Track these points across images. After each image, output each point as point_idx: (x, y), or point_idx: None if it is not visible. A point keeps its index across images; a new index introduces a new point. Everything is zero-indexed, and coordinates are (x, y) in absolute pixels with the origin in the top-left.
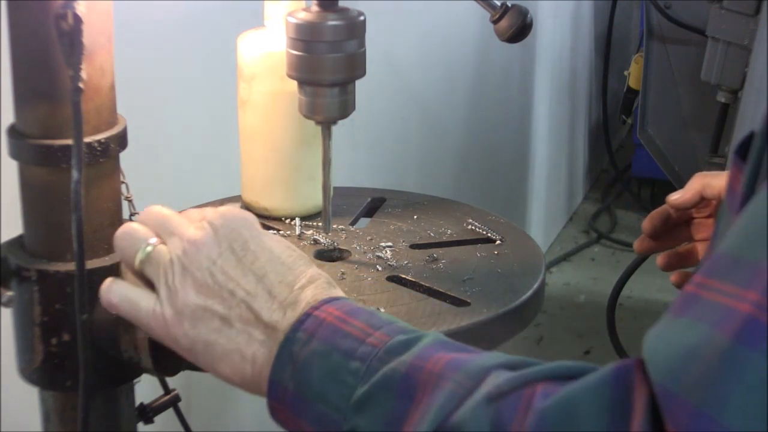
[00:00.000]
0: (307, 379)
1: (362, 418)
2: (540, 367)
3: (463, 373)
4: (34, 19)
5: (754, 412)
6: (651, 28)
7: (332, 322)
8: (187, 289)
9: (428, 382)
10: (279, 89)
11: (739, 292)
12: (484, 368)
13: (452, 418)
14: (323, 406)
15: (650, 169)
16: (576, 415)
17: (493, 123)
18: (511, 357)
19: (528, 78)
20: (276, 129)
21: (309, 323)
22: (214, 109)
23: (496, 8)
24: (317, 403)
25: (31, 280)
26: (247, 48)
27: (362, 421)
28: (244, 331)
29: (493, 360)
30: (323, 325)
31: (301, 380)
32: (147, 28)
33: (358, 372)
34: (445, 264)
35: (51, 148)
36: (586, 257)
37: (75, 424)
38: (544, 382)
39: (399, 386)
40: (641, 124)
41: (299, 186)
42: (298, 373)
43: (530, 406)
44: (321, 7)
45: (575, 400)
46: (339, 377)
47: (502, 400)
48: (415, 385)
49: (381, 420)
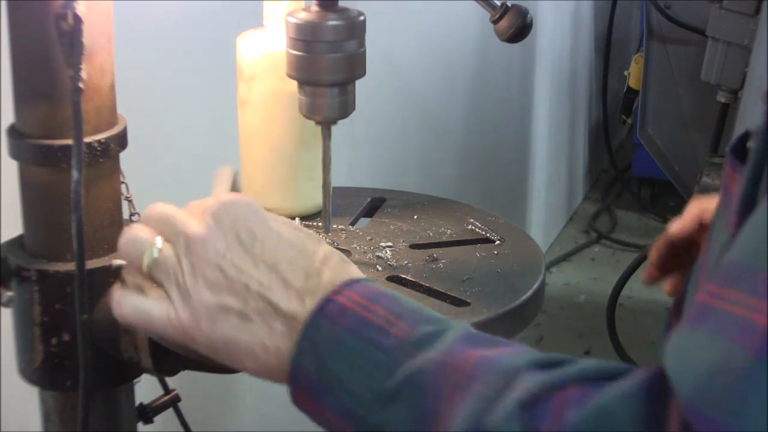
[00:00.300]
0: (332, 369)
1: (390, 414)
2: (571, 369)
3: (494, 374)
4: (34, 19)
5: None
6: (651, 28)
7: (354, 309)
8: (199, 289)
9: (458, 383)
10: (279, 89)
11: (754, 303)
12: (515, 368)
13: (484, 422)
14: (348, 397)
15: (650, 169)
16: (611, 426)
17: (493, 123)
18: (540, 354)
19: (528, 78)
20: (276, 129)
21: (330, 309)
22: (214, 109)
23: (496, 8)
24: (342, 394)
25: (31, 280)
26: (246, 48)
27: (390, 418)
28: (264, 324)
29: (524, 357)
30: (345, 313)
31: (325, 369)
32: (147, 28)
33: (386, 365)
34: (445, 264)
35: (51, 148)
36: (586, 257)
37: (75, 424)
38: (576, 384)
39: (428, 385)
40: (641, 124)
41: (299, 186)
42: (322, 361)
43: (563, 415)
44: (321, 7)
45: (610, 411)
46: (365, 370)
47: (533, 408)
48: (444, 384)
49: (409, 418)
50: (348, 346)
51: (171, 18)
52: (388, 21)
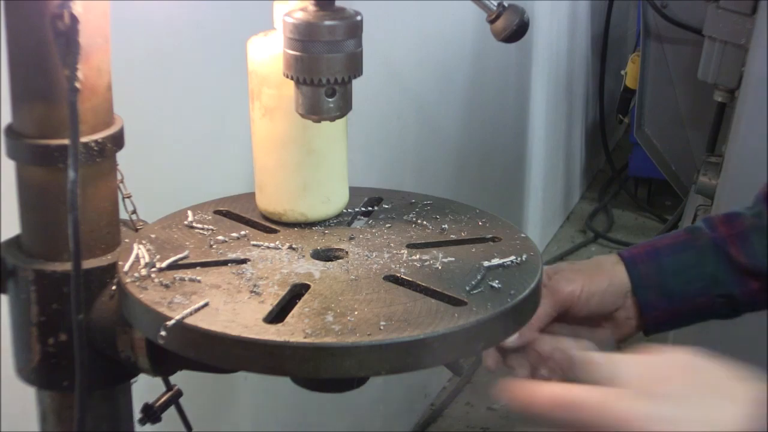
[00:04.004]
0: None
1: None
2: None
3: None
4: (30, 19)
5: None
6: (648, 28)
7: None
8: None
9: None
10: None
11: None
12: None
13: None
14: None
15: (647, 168)
16: None
17: (490, 123)
18: None
19: (525, 78)
20: (314, 130)
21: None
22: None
23: (493, 8)
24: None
25: (28, 280)
26: (264, 54)
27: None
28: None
29: None
30: None
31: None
32: (147, 27)
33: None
34: (442, 263)
35: (48, 148)
36: (583, 256)
37: (72, 423)
38: None
39: None
40: (638, 124)
41: (334, 186)
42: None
43: None
44: (318, 7)
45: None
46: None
47: None
48: None
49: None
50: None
51: (170, 18)
52: (385, 21)
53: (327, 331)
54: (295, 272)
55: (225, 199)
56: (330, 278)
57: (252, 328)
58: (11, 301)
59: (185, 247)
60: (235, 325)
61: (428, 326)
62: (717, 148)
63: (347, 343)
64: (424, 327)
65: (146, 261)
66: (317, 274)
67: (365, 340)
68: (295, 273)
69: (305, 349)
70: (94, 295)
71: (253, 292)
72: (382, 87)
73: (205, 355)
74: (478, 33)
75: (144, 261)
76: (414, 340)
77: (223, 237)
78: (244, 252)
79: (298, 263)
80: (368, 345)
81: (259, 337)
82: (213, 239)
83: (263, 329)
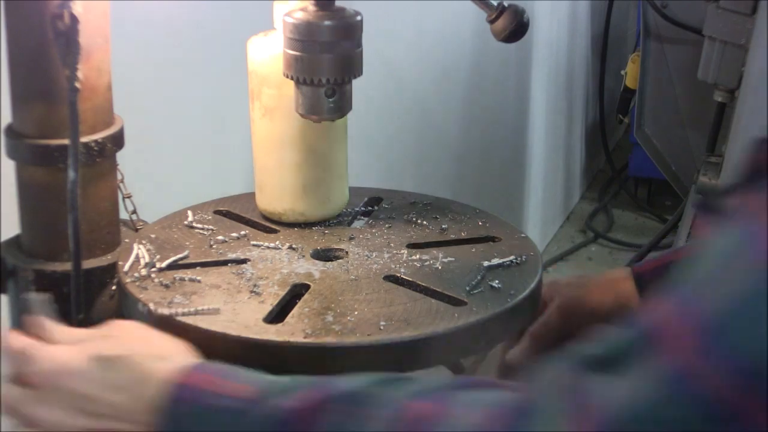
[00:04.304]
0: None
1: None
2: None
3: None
4: (30, 19)
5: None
6: (648, 28)
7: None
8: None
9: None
10: None
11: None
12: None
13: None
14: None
15: (647, 168)
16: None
17: (489, 122)
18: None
19: (524, 78)
20: (315, 130)
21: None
22: (214, 108)
23: (493, 8)
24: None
25: (28, 280)
26: (264, 54)
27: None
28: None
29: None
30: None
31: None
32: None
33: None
34: (442, 263)
35: (48, 148)
36: (583, 257)
37: None
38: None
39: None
40: (638, 124)
41: (334, 185)
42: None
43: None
44: (318, 7)
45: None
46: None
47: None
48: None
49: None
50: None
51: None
52: (384, 21)
53: (327, 331)
54: (295, 272)
55: (225, 199)
56: (330, 278)
57: (252, 328)
58: (11, 301)
59: (185, 247)
60: (235, 325)
61: (428, 326)
62: (717, 148)
63: (347, 343)
64: (424, 327)
65: (146, 261)
66: (317, 274)
67: (365, 340)
68: (295, 273)
69: (305, 349)
70: (94, 295)
71: (253, 292)
72: (382, 87)
73: (205, 355)
74: (477, 33)
75: (144, 261)
76: (414, 340)
77: (223, 237)
78: (244, 252)
79: (298, 263)
80: (368, 345)
81: (259, 337)
82: (213, 239)
83: (263, 329)
